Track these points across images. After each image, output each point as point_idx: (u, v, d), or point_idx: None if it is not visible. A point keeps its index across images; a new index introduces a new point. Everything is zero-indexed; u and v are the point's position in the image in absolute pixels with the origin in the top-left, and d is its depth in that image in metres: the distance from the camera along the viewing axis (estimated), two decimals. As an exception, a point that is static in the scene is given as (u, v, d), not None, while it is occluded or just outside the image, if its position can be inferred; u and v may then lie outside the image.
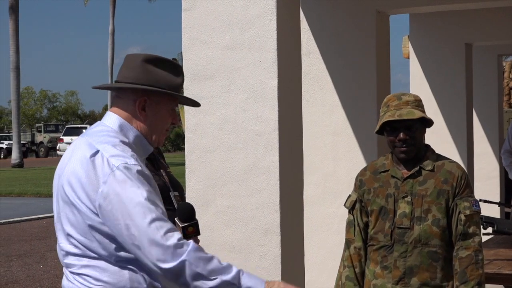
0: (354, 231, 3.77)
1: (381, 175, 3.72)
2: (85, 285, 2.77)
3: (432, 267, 3.60)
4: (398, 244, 3.61)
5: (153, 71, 2.85)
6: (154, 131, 2.89)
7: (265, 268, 4.41)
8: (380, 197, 3.68)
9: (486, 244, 6.13)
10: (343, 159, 6.27)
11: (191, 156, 4.62)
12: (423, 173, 3.64)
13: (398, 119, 3.58)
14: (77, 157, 2.77)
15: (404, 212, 3.61)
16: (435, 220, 3.59)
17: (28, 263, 11.49)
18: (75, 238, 2.77)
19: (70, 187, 2.76)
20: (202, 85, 4.56)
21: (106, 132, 2.84)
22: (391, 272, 3.63)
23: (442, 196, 3.60)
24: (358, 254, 3.76)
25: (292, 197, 4.61)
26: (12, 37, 39.51)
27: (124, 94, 2.87)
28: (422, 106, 3.67)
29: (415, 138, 3.61)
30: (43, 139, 55.06)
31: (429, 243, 3.59)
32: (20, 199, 22.59)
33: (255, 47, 4.45)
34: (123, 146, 2.78)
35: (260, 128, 4.45)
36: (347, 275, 3.76)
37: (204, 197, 4.57)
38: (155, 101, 2.86)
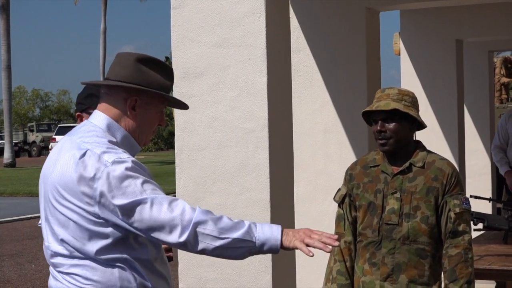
0: (344, 225, 3.77)
1: (371, 170, 3.71)
2: (74, 284, 2.77)
3: (420, 264, 3.58)
4: (386, 240, 3.60)
5: (146, 72, 2.86)
6: (142, 131, 2.90)
7: (256, 265, 4.41)
8: (369, 192, 3.67)
9: (477, 240, 6.14)
10: (334, 156, 6.27)
11: (181, 154, 4.62)
12: (413, 169, 3.63)
13: (374, 110, 3.60)
14: (66, 158, 2.76)
15: (393, 209, 3.60)
16: (424, 217, 3.57)
17: (20, 262, 11.46)
18: (64, 239, 2.76)
19: (59, 189, 2.75)
20: (191, 83, 4.55)
21: (94, 132, 2.83)
22: (379, 269, 3.62)
23: (431, 193, 3.58)
24: (349, 248, 3.76)
25: (282, 194, 4.61)
26: (3, 36, 39.39)
27: (115, 92, 2.87)
28: (409, 101, 3.62)
29: (392, 130, 3.58)
30: (35, 139, 54.93)
31: (417, 240, 3.57)
32: (12, 199, 22.54)
33: (244, 44, 4.44)
34: (111, 145, 2.78)
35: (250, 126, 4.44)
36: (338, 269, 3.76)
37: (195, 195, 4.57)
38: (145, 102, 2.87)
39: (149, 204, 2.64)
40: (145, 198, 2.65)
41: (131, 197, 2.65)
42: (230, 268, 4.48)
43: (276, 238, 2.69)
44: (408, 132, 3.64)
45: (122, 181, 2.65)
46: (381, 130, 3.60)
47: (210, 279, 4.53)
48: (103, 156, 2.69)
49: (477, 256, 5.32)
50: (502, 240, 5.94)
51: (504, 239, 5.92)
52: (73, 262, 2.76)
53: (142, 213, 2.64)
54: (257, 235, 2.68)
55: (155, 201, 2.65)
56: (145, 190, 2.66)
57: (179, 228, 2.63)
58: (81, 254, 2.74)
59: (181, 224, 2.63)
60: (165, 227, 2.63)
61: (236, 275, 4.47)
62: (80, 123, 3.99)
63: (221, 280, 4.51)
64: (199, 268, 4.53)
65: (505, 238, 5.91)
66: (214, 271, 4.52)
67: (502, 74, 15.47)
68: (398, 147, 3.62)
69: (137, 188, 2.65)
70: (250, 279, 4.42)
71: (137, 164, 2.74)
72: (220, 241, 2.66)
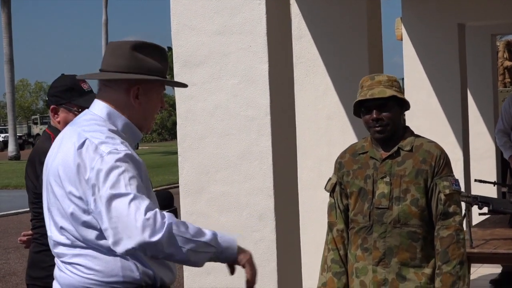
0: (335, 214, 3.77)
1: (360, 157, 3.71)
2: (77, 274, 2.76)
3: (412, 247, 3.58)
4: (377, 224, 3.60)
5: (143, 59, 2.86)
6: (147, 117, 2.92)
7: (261, 253, 4.40)
8: (359, 178, 3.67)
9: (482, 224, 6.12)
10: (337, 142, 6.24)
11: (183, 143, 4.60)
12: (402, 153, 3.63)
13: (370, 98, 3.57)
14: (66, 147, 2.77)
15: (383, 193, 3.60)
16: (414, 200, 3.57)
17: (26, 255, 11.43)
18: (66, 229, 2.75)
19: (59, 179, 2.75)
20: (192, 72, 4.53)
21: (94, 120, 2.83)
22: (371, 254, 3.62)
23: (420, 176, 3.58)
24: (341, 237, 3.76)
25: (286, 182, 4.59)
26: (4, 30, 39.37)
27: (115, 84, 2.86)
28: (397, 86, 3.63)
29: (389, 117, 3.58)
30: (39, 131, 55.00)
31: (408, 223, 3.57)
32: (17, 191, 22.56)
33: (245, 32, 4.42)
34: (112, 134, 2.77)
35: (252, 113, 4.42)
36: (332, 258, 3.76)
37: (198, 184, 4.55)
38: (147, 89, 2.88)
39: (129, 199, 2.59)
40: (128, 193, 2.61)
41: (115, 189, 2.61)
42: (234, 257, 4.47)
43: (233, 248, 2.77)
44: (399, 117, 3.66)
45: (111, 172, 2.63)
46: (378, 118, 3.58)
47: (214, 268, 4.51)
48: (100, 147, 2.69)
49: (482, 240, 5.31)
50: (508, 224, 5.92)
51: (509, 223, 5.91)
52: (75, 252, 2.76)
53: (120, 207, 2.59)
54: (220, 241, 2.72)
55: (137, 198, 2.60)
56: (131, 185, 2.62)
57: (152, 227, 2.56)
58: (82, 243, 2.74)
59: (154, 224, 2.56)
60: (137, 226, 2.56)
61: (241, 263, 4.45)
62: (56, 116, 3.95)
63: (225, 269, 4.49)
64: (204, 257, 4.52)
65: (511, 222, 5.90)
66: (219, 259, 4.50)
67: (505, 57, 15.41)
68: (392, 133, 3.63)
69: (123, 182, 2.62)
70: (255, 267, 4.40)
71: (131, 158, 2.71)
72: (191, 244, 2.63)
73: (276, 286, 4.38)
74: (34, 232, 4.00)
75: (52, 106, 3.97)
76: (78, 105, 3.85)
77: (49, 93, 4.02)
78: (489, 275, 7.99)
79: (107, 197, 2.61)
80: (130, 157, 2.70)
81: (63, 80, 3.99)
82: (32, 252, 4.01)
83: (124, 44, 2.88)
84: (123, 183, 2.61)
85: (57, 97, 3.95)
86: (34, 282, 3.92)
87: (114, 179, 2.62)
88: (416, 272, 3.59)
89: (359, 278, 3.67)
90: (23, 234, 4.18)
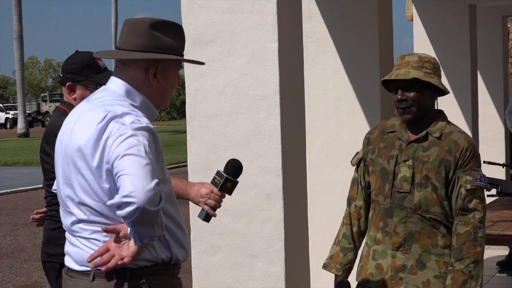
0: (357, 189, 3.73)
1: (388, 136, 3.63)
2: (94, 249, 2.77)
3: (433, 233, 3.48)
4: (398, 209, 3.52)
5: (161, 38, 2.88)
6: (165, 95, 2.95)
7: (268, 232, 4.40)
8: (383, 158, 3.60)
9: (490, 205, 6.12)
10: (346, 123, 6.24)
11: (192, 121, 4.60)
12: (429, 139, 3.52)
13: (394, 78, 3.51)
14: (87, 121, 2.77)
15: (405, 176, 3.50)
16: (434, 188, 3.46)
17: (34, 231, 11.53)
18: (88, 205, 2.76)
19: (81, 153, 2.75)
20: (202, 50, 4.52)
21: (114, 95, 2.85)
22: (391, 238, 3.53)
23: (443, 166, 3.46)
24: (358, 213, 3.72)
25: (294, 161, 4.59)
26: (14, 7, 39.37)
27: (134, 63, 2.88)
28: (430, 68, 3.50)
29: (413, 99, 3.48)
30: (48, 109, 55.09)
31: (429, 210, 3.47)
32: (26, 168, 22.68)
33: (255, 10, 4.40)
34: (133, 108, 2.81)
35: (261, 92, 4.41)
36: (344, 232, 3.74)
37: (206, 163, 4.55)
38: (165, 67, 2.90)
39: (143, 162, 2.59)
40: (144, 158, 2.62)
41: (133, 151, 2.62)
42: (242, 236, 4.48)
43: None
44: (429, 100, 3.52)
45: (131, 137, 2.66)
46: (402, 99, 3.49)
47: (222, 246, 4.54)
48: (124, 117, 2.72)
49: (490, 222, 5.31)
50: (516, 206, 5.91)
51: (517, 205, 5.90)
52: (95, 228, 2.77)
53: (135, 164, 2.58)
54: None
55: (151, 165, 2.61)
56: (147, 154, 2.64)
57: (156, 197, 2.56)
58: (102, 218, 2.75)
59: (158, 195, 2.58)
60: (146, 189, 2.54)
61: (248, 242, 4.46)
62: (77, 92, 3.95)
63: (233, 247, 4.51)
64: (212, 236, 4.53)
65: (519, 204, 5.89)
66: (226, 238, 4.52)
67: (516, 39, 15.31)
68: (420, 116, 3.51)
69: (143, 148, 2.64)
70: (262, 246, 4.42)
71: (151, 131, 2.74)
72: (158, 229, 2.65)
73: (283, 265, 4.39)
74: (50, 210, 4.01)
75: (68, 83, 3.96)
76: (96, 82, 3.85)
77: (65, 69, 4.00)
78: (496, 257, 8.01)
79: (124, 154, 2.62)
80: (150, 130, 2.73)
81: (79, 57, 3.98)
82: (47, 229, 4.03)
83: (142, 23, 2.88)
84: (143, 149, 2.63)
85: (74, 74, 3.94)
86: (51, 259, 3.94)
87: (133, 143, 2.64)
88: (437, 260, 3.49)
89: (376, 260, 3.60)
90: (36, 212, 4.18)
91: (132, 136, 2.65)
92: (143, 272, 2.78)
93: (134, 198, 2.51)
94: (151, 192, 2.54)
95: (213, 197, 3.24)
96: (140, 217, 2.55)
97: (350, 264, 3.72)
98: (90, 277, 2.78)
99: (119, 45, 2.91)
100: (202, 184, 3.30)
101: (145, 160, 2.60)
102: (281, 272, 4.39)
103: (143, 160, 2.60)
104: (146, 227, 2.59)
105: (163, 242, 2.82)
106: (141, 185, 2.53)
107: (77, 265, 2.83)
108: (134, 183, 2.54)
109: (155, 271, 2.81)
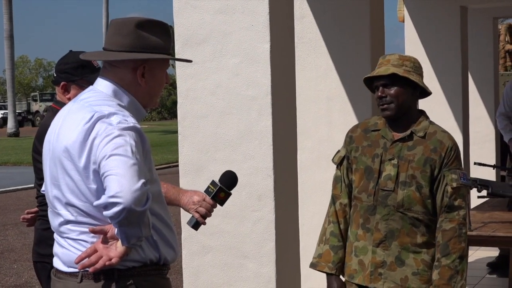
0: (341, 187, 3.76)
1: (372, 134, 3.68)
2: (81, 250, 2.76)
3: (413, 232, 3.56)
4: (381, 206, 3.58)
5: (147, 37, 2.87)
6: (153, 94, 2.94)
7: (259, 233, 4.40)
8: (367, 156, 3.64)
9: (481, 207, 6.13)
10: (337, 123, 6.24)
11: (183, 122, 4.59)
12: (414, 138, 3.59)
13: (375, 76, 3.58)
14: (75, 121, 2.76)
15: (389, 175, 3.57)
16: (418, 187, 3.54)
17: (24, 231, 11.49)
18: (76, 205, 2.75)
19: (68, 153, 2.73)
20: (194, 50, 4.51)
21: (101, 95, 2.84)
22: (372, 235, 3.60)
23: (428, 164, 3.54)
24: (344, 211, 3.75)
25: (285, 162, 4.58)
26: (5, 5, 39.25)
27: (121, 63, 2.87)
28: (410, 66, 3.57)
29: (392, 95, 3.54)
30: (39, 108, 54.92)
31: (411, 209, 3.55)
32: (16, 168, 22.61)
33: (247, 10, 4.39)
34: (121, 108, 2.80)
35: (253, 93, 4.41)
36: (332, 230, 3.75)
37: (197, 163, 4.55)
38: (152, 66, 2.89)
39: (130, 162, 2.59)
40: (130, 158, 2.61)
41: (120, 151, 2.61)
42: (233, 236, 4.48)
43: None
44: (410, 97, 3.58)
45: (118, 137, 2.65)
46: (382, 95, 3.56)
47: (213, 247, 4.53)
48: (111, 117, 2.72)
49: (481, 223, 5.32)
50: (506, 207, 5.93)
51: (508, 206, 5.91)
52: (83, 229, 2.76)
53: (121, 165, 2.58)
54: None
55: (137, 165, 2.60)
56: (134, 154, 2.63)
57: (142, 198, 2.55)
58: (89, 218, 2.73)
59: (145, 196, 2.57)
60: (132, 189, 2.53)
61: (239, 243, 4.46)
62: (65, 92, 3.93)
63: (224, 248, 4.51)
64: (202, 236, 4.52)
65: (509, 205, 5.90)
66: (217, 239, 4.51)
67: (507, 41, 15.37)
68: (400, 113, 3.57)
69: (130, 149, 2.63)
70: (253, 247, 4.42)
71: (139, 131, 2.73)
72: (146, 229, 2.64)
73: (274, 266, 4.39)
74: (41, 209, 3.99)
75: (62, 83, 3.95)
76: (90, 81, 3.85)
77: (59, 69, 3.98)
78: (486, 258, 8.02)
79: (110, 154, 2.61)
80: (137, 130, 2.73)
81: (73, 57, 3.96)
82: (39, 229, 4.00)
83: (128, 22, 2.87)
84: (129, 149, 2.63)
85: (68, 73, 3.93)
86: (43, 259, 3.92)
87: (120, 143, 2.63)
88: (415, 257, 3.57)
89: (358, 257, 3.66)
90: (27, 212, 4.16)
91: (119, 136, 2.65)
92: (131, 273, 2.77)
93: (120, 199, 2.51)
94: (138, 192, 2.53)
95: (204, 205, 3.23)
96: (127, 218, 2.54)
97: (341, 262, 3.75)
98: (78, 278, 2.77)
99: (106, 46, 2.91)
100: (195, 192, 3.30)
101: (132, 160, 2.60)
102: (272, 273, 4.39)
103: (129, 160, 2.59)
104: (133, 227, 2.58)
105: (151, 242, 2.81)
106: (127, 185, 2.53)
107: (65, 267, 2.82)
108: (121, 183, 2.53)
109: (143, 272, 2.80)
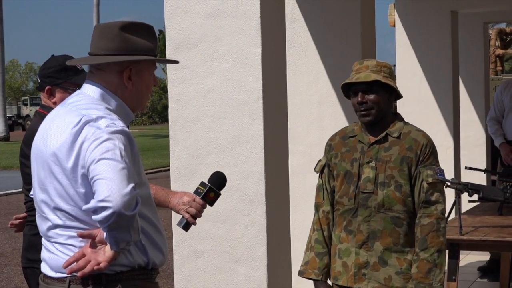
0: (323, 195, 3.83)
1: (349, 140, 3.76)
2: (69, 255, 2.75)
3: (395, 232, 3.63)
4: (362, 208, 3.65)
5: (133, 40, 2.87)
6: (141, 97, 2.93)
7: (251, 237, 4.40)
8: (346, 161, 3.72)
9: (472, 211, 6.13)
10: (329, 128, 6.24)
11: (174, 126, 4.59)
12: (389, 139, 3.68)
13: (355, 81, 3.62)
14: (63, 125, 2.75)
15: (368, 177, 3.65)
16: (398, 186, 3.62)
17: (14, 236, 11.43)
18: (64, 209, 2.74)
19: (56, 157, 2.73)
20: (185, 54, 4.51)
21: (89, 99, 2.83)
22: (355, 236, 3.67)
23: (405, 163, 3.63)
24: (327, 218, 3.80)
25: (277, 166, 4.59)
26: (-5, 10, 39.08)
27: (108, 66, 2.86)
28: (387, 72, 3.66)
29: (373, 101, 3.62)
30: (29, 112, 54.73)
31: (392, 208, 3.62)
32: (6, 172, 22.51)
33: (238, 15, 4.40)
34: (108, 111, 2.79)
35: (244, 97, 4.41)
36: (316, 238, 3.81)
37: (189, 168, 4.54)
38: (139, 69, 2.89)
39: (119, 166, 2.59)
40: (120, 162, 2.61)
41: (108, 155, 2.61)
42: (225, 241, 4.47)
43: None
44: (387, 102, 3.68)
45: (107, 141, 2.65)
46: (362, 101, 3.63)
47: (204, 251, 4.53)
48: (99, 121, 2.71)
49: (472, 227, 5.32)
50: (497, 211, 5.92)
51: (499, 211, 5.91)
52: (71, 234, 2.75)
53: (108, 166, 2.58)
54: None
55: (127, 170, 2.61)
56: (123, 158, 2.63)
57: (132, 201, 2.56)
58: (77, 222, 2.72)
59: (134, 200, 2.57)
60: (122, 193, 2.53)
61: (231, 247, 4.46)
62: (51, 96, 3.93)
63: (215, 252, 4.50)
64: (194, 240, 4.52)
65: (500, 210, 5.91)
66: (209, 243, 4.51)
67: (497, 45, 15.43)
68: (379, 118, 3.66)
69: (119, 152, 2.63)
70: (245, 251, 4.41)
71: (127, 134, 2.72)
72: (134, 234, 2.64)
73: (266, 270, 4.39)
74: (29, 215, 3.96)
75: (47, 88, 3.94)
76: (75, 83, 3.83)
77: (42, 74, 3.97)
78: (477, 262, 8.03)
79: (99, 158, 2.61)
80: (126, 134, 2.72)
81: (56, 61, 3.95)
82: (28, 234, 3.98)
83: (112, 26, 2.87)
84: (118, 153, 2.62)
85: (52, 77, 3.91)
86: (32, 265, 3.89)
87: (109, 147, 2.63)
88: (398, 257, 3.64)
89: (341, 259, 3.72)
90: (15, 218, 4.13)
91: (108, 140, 2.64)
92: (119, 277, 2.76)
93: (110, 203, 2.51)
94: (127, 197, 2.53)
95: (195, 206, 3.23)
96: (116, 222, 2.54)
97: (327, 267, 3.81)
98: (65, 283, 2.76)
99: (92, 51, 2.90)
100: (184, 193, 3.29)
101: (121, 164, 2.59)
102: (263, 277, 4.39)
103: (119, 164, 2.59)
104: (123, 231, 2.58)
105: (139, 246, 2.80)
106: (117, 189, 2.53)
107: (53, 272, 2.81)
108: (110, 187, 2.53)
109: (132, 276, 2.79)
